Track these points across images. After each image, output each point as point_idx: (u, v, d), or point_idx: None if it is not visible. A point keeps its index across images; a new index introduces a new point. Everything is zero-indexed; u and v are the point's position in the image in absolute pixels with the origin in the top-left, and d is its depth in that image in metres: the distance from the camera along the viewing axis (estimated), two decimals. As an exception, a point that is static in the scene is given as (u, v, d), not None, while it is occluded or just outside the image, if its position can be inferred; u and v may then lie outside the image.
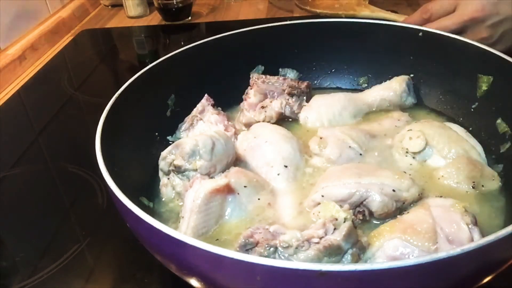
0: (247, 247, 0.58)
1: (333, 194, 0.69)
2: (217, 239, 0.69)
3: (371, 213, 0.69)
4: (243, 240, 0.59)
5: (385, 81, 0.98)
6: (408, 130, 0.83)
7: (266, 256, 0.57)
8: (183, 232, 0.67)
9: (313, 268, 0.45)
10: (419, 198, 0.70)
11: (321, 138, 0.84)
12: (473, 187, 0.74)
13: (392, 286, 0.48)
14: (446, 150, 0.79)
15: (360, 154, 0.81)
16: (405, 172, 0.74)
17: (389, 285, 0.47)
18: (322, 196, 0.70)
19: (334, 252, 0.58)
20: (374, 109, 0.96)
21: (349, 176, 0.71)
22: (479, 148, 0.81)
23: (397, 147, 0.83)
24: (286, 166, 0.79)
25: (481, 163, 0.79)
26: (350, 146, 0.81)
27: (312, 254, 0.57)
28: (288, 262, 0.48)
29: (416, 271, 0.46)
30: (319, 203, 0.69)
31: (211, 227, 0.69)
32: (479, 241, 0.47)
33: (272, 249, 0.58)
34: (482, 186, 0.74)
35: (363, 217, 0.69)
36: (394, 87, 0.96)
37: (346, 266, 0.46)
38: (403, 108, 0.96)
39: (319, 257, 0.57)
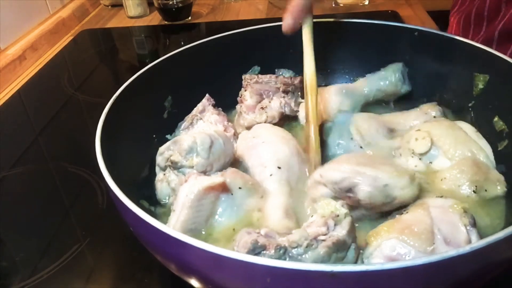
0: (256, 251, 0.57)
1: (328, 176, 0.70)
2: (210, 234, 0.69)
3: (358, 201, 0.69)
4: (251, 244, 0.57)
5: (383, 69, 0.98)
6: (417, 130, 0.82)
7: (277, 258, 0.56)
8: (172, 225, 0.67)
9: (324, 269, 0.45)
10: (413, 200, 0.69)
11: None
12: (474, 192, 0.72)
13: (405, 286, 0.48)
14: (452, 152, 0.78)
15: (361, 147, 0.81)
16: (414, 173, 0.72)
17: (402, 285, 0.47)
18: (320, 175, 0.70)
19: (341, 248, 0.59)
20: (371, 100, 0.96)
21: (350, 163, 0.70)
22: (488, 149, 0.79)
23: (404, 147, 0.82)
24: (279, 168, 0.78)
25: (487, 166, 0.77)
26: (351, 138, 0.81)
27: (323, 252, 0.57)
28: (300, 263, 0.47)
29: (421, 270, 0.46)
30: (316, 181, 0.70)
31: (200, 225, 0.69)
32: (473, 243, 0.47)
33: (282, 250, 0.57)
34: (485, 190, 0.72)
35: (352, 202, 0.69)
36: (390, 77, 0.95)
37: (357, 266, 0.46)
38: (398, 96, 0.96)
39: (329, 254, 0.57)
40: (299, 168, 0.80)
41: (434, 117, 0.89)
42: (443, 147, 0.79)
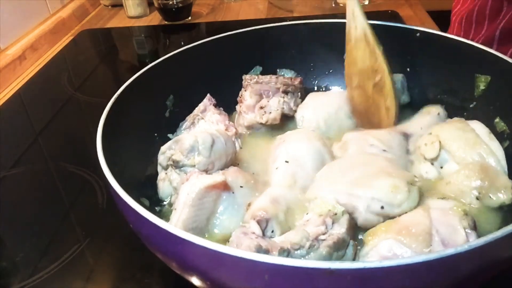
0: None
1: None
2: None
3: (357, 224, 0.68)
4: (255, 249, 0.57)
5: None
6: (428, 134, 0.80)
7: None
8: (174, 224, 0.67)
9: (323, 267, 0.45)
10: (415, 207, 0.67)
11: (345, 142, 0.83)
12: (477, 198, 0.69)
13: (403, 284, 0.48)
14: (460, 155, 0.75)
15: (384, 150, 0.79)
16: (416, 179, 0.71)
17: (399, 282, 0.47)
18: (315, 198, 0.69)
19: (341, 246, 0.59)
20: None
21: (344, 183, 0.69)
22: (500, 153, 0.75)
23: (417, 153, 0.80)
24: (287, 162, 0.78)
25: (496, 171, 0.73)
26: (372, 144, 0.80)
27: (325, 251, 0.57)
28: (297, 260, 0.47)
29: (418, 268, 0.46)
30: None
31: (202, 223, 0.68)
32: (472, 242, 0.47)
33: (285, 253, 0.57)
34: (490, 196, 0.69)
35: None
36: None
37: (355, 263, 0.46)
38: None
39: (330, 253, 0.58)
40: (313, 167, 0.78)
41: (438, 113, 0.88)
42: (451, 150, 0.76)
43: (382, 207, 0.65)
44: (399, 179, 0.68)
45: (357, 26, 0.87)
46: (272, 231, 0.64)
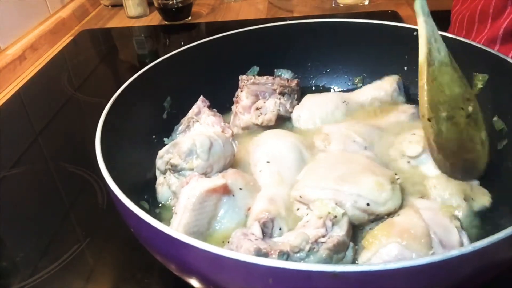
0: None
1: (311, 199, 0.68)
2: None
3: None
4: (254, 252, 0.57)
5: (379, 80, 0.99)
6: (412, 134, 0.81)
7: None
8: (175, 228, 0.66)
9: (327, 270, 0.45)
10: (396, 211, 0.68)
11: (326, 134, 0.84)
12: (465, 200, 0.70)
13: (407, 286, 0.48)
14: None
15: (365, 147, 0.81)
16: (396, 176, 0.71)
17: (404, 285, 0.47)
18: (300, 196, 0.69)
19: (341, 248, 0.59)
20: (365, 108, 0.96)
21: (330, 180, 0.69)
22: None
23: (396, 148, 0.81)
24: (268, 162, 0.78)
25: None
26: (354, 140, 0.81)
27: (325, 254, 0.57)
28: (302, 264, 0.48)
29: (423, 270, 0.46)
30: (297, 201, 0.70)
31: (203, 227, 0.68)
32: (476, 243, 0.47)
33: (285, 256, 0.57)
34: (472, 199, 0.71)
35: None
36: (385, 87, 0.96)
37: (359, 267, 0.46)
38: (394, 106, 0.95)
39: (330, 256, 0.58)
40: (294, 161, 0.79)
41: (413, 113, 0.90)
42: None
43: (368, 204, 0.66)
44: (383, 177, 0.68)
45: (441, 48, 0.77)
46: (280, 229, 0.65)
